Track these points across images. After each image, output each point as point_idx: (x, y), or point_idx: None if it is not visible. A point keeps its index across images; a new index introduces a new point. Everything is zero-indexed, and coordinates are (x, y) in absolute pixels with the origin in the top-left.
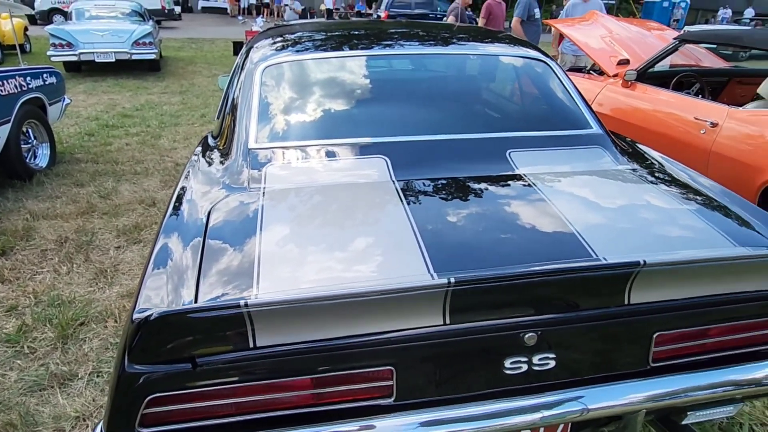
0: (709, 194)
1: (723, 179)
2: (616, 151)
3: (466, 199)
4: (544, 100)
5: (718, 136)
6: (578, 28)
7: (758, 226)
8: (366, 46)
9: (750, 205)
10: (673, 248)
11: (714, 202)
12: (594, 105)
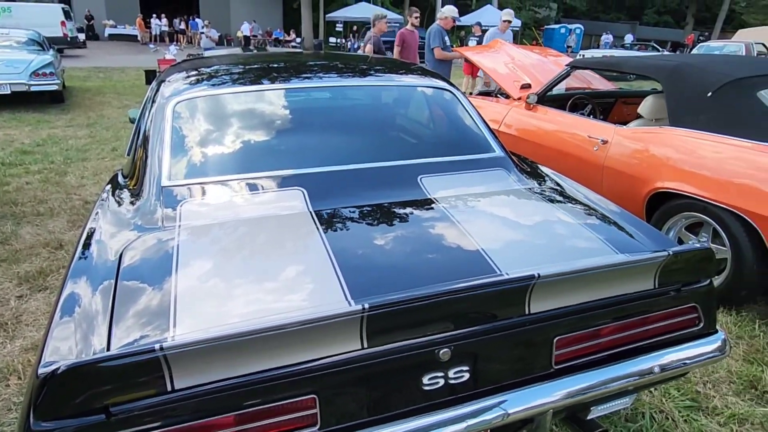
0: (596, 208)
1: (616, 190)
2: (517, 172)
3: (380, 225)
4: (452, 127)
5: (609, 152)
6: (485, 55)
7: (636, 235)
8: (281, 80)
9: (630, 216)
10: (566, 259)
11: (600, 215)
12: (502, 126)
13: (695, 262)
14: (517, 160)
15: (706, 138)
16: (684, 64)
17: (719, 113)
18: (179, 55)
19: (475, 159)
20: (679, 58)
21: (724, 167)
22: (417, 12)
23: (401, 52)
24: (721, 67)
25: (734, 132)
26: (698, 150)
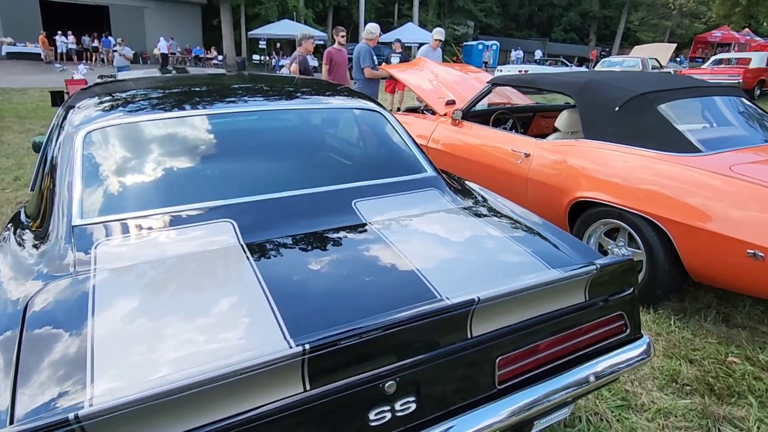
0: (526, 224)
1: (540, 200)
2: (449, 191)
3: (316, 255)
4: (383, 149)
5: (532, 165)
6: (409, 72)
7: (565, 249)
8: (204, 104)
9: (557, 229)
10: (503, 278)
11: (530, 231)
12: (430, 141)
13: (620, 273)
14: (448, 178)
15: (616, 149)
16: (592, 81)
17: (627, 126)
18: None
19: (407, 180)
20: (587, 75)
21: (633, 176)
22: (343, 31)
23: (330, 71)
24: (625, 83)
25: (640, 143)
26: (610, 161)
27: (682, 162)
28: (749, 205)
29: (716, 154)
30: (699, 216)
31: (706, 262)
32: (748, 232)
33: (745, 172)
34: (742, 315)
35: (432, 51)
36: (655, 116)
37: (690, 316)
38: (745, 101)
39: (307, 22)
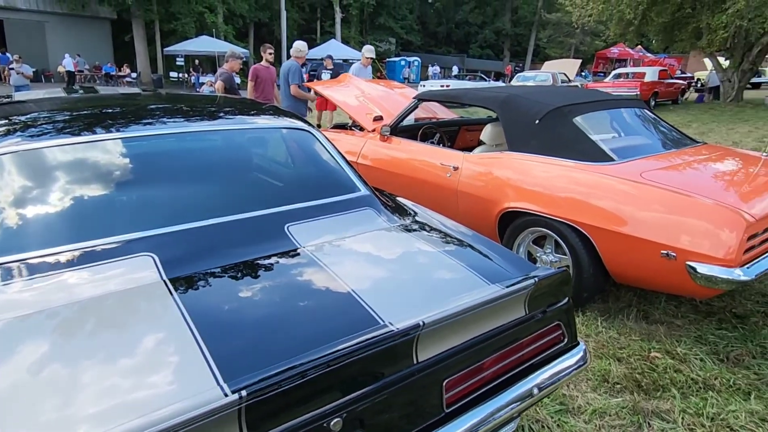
0: (461, 239)
1: (471, 212)
2: (384, 210)
3: (249, 286)
4: (314, 169)
5: (461, 178)
6: (336, 89)
7: (502, 263)
8: (117, 126)
9: (492, 243)
10: (445, 298)
11: (467, 247)
12: (360, 158)
13: (557, 284)
14: (381, 196)
15: (539, 160)
16: (513, 96)
17: (547, 138)
18: None
19: (341, 200)
20: (508, 90)
21: (555, 185)
22: (271, 48)
23: (255, 88)
24: (543, 97)
25: (560, 154)
26: (534, 171)
27: (598, 170)
28: (660, 209)
29: (627, 162)
30: (617, 221)
31: (625, 264)
32: (661, 234)
33: (654, 178)
34: (659, 311)
35: (363, 68)
36: (571, 128)
37: (614, 315)
38: (647, 112)
39: (227, 39)
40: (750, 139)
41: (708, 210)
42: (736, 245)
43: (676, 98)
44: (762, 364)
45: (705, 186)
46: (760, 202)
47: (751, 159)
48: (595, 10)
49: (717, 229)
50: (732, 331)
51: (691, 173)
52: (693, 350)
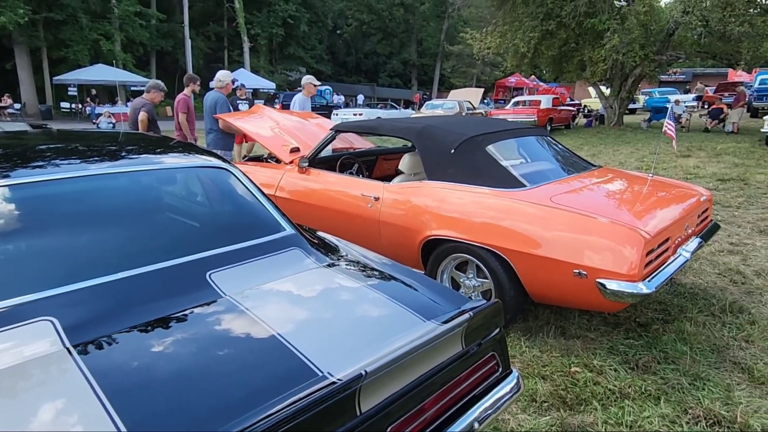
0: (392, 275)
1: (394, 242)
2: (311, 248)
3: (168, 347)
4: (234, 210)
5: (382, 208)
6: (249, 121)
7: (434, 297)
8: (3, 171)
9: (423, 276)
10: (384, 339)
11: (398, 282)
12: (278, 191)
13: (490, 316)
14: (307, 233)
15: (456, 188)
16: (428, 126)
17: (462, 166)
18: None
19: (266, 242)
20: (423, 121)
21: (473, 212)
22: (198, 79)
23: (188, 118)
24: (457, 128)
25: (476, 181)
26: (452, 199)
27: (512, 196)
28: (570, 231)
29: (538, 187)
30: (533, 244)
31: (543, 284)
32: (573, 255)
33: (563, 201)
34: (574, 326)
35: (306, 99)
36: (484, 156)
37: (535, 334)
38: (550, 139)
39: (126, 67)
40: (633, 159)
41: (611, 230)
42: (638, 261)
43: (568, 123)
44: (666, 368)
45: (607, 207)
46: (653, 220)
47: (640, 180)
48: (492, 43)
49: (620, 247)
50: (638, 340)
51: (593, 196)
52: (607, 361)
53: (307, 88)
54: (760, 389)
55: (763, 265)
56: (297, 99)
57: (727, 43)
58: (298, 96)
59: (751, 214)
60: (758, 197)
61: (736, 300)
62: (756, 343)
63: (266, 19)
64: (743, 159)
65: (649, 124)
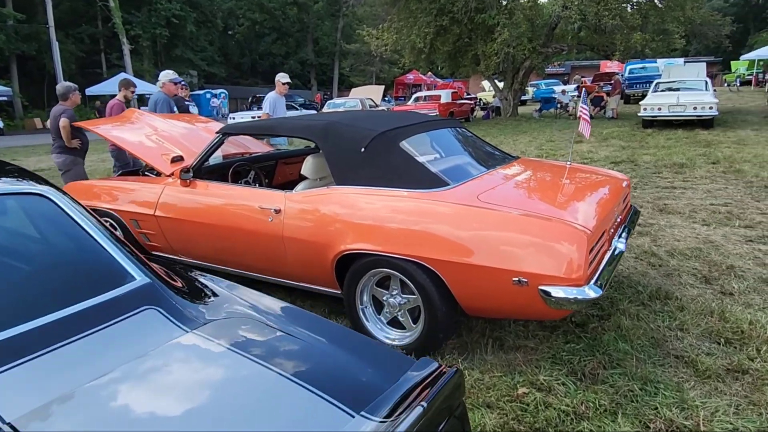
0: (296, 334)
1: (302, 261)
2: (174, 305)
3: None
4: (55, 257)
5: (285, 221)
6: (119, 128)
7: (365, 367)
8: None
9: (343, 330)
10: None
11: (306, 347)
12: (158, 210)
13: (448, 394)
14: (171, 275)
15: (370, 193)
16: (333, 123)
17: (375, 167)
18: None
19: (107, 302)
20: (327, 118)
21: (391, 219)
22: (133, 84)
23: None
24: (365, 123)
25: (392, 183)
26: (366, 206)
27: (435, 198)
28: (504, 233)
29: (462, 184)
30: (463, 251)
31: (478, 296)
32: (510, 260)
33: (491, 199)
34: (512, 335)
35: (279, 97)
36: (399, 154)
37: (472, 351)
38: (465, 131)
39: None
40: (533, 148)
41: (551, 229)
42: (584, 262)
43: (468, 116)
44: (613, 374)
45: (540, 203)
46: (589, 213)
47: (560, 169)
48: (389, 40)
49: (562, 249)
50: (579, 343)
51: (522, 191)
52: (554, 374)
53: (278, 86)
54: (708, 385)
55: (673, 245)
56: (269, 98)
57: (602, 35)
58: (271, 95)
59: (648, 194)
60: (649, 177)
61: (660, 285)
62: (690, 331)
63: (147, 19)
64: (628, 142)
65: (540, 113)
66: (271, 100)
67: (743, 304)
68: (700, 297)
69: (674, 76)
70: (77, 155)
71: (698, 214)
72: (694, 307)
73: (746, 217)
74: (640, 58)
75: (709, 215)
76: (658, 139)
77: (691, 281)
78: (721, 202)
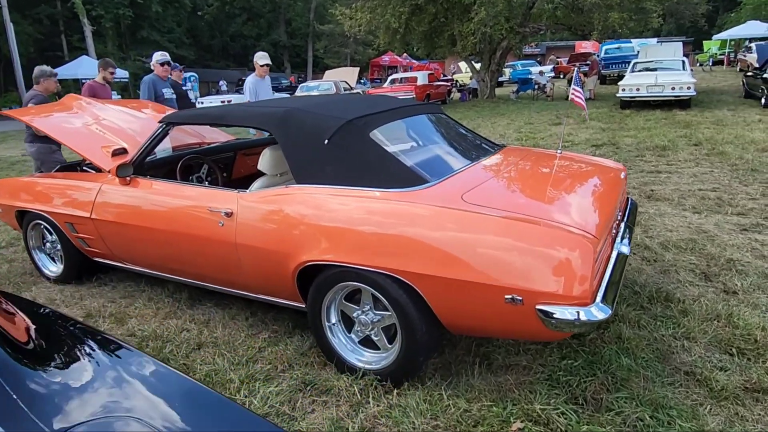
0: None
1: (259, 272)
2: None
3: None
4: None
5: (238, 226)
6: (55, 117)
7: None
8: None
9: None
10: None
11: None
12: (94, 212)
13: None
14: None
15: (336, 193)
16: (294, 110)
17: (342, 162)
18: None
19: None
20: (286, 104)
21: (361, 225)
22: (113, 65)
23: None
24: (331, 110)
25: (361, 182)
26: (331, 210)
27: (411, 198)
28: (495, 242)
29: (443, 181)
30: (445, 264)
31: (464, 315)
32: (502, 274)
33: (478, 199)
34: (501, 352)
35: (261, 80)
36: (370, 146)
37: (456, 374)
38: (445, 117)
39: None
40: (511, 131)
41: (550, 236)
42: (589, 276)
43: (445, 99)
44: (619, 398)
45: (533, 204)
46: (590, 214)
47: (551, 159)
48: (363, 20)
49: (565, 260)
50: (576, 359)
51: (512, 188)
52: (551, 402)
53: (257, 69)
54: (727, 409)
55: (666, 236)
56: (249, 83)
57: (579, 14)
58: (249, 79)
59: (632, 180)
60: (633, 161)
61: (659, 285)
62: (697, 340)
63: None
64: (608, 123)
65: (518, 95)
66: (251, 84)
67: (750, 305)
68: (703, 297)
69: (651, 56)
70: (53, 143)
71: (687, 201)
72: (698, 310)
73: (737, 203)
74: (616, 38)
75: (699, 202)
76: (637, 120)
77: (690, 278)
78: (709, 187)
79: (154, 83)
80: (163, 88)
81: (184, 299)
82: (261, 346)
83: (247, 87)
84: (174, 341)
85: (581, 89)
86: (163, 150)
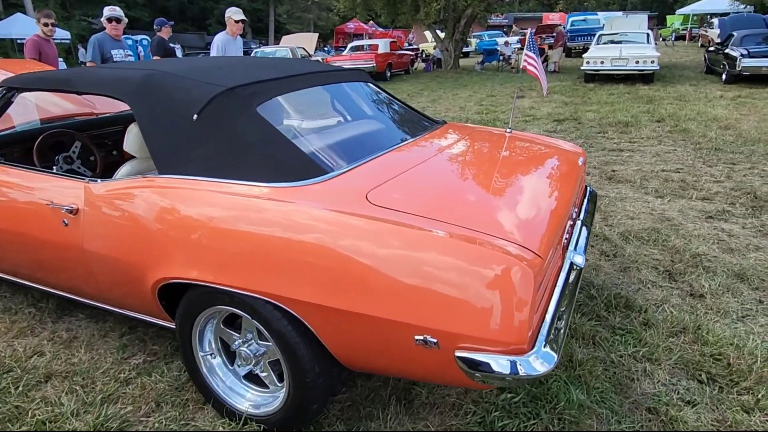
0: None
1: (114, 284)
2: None
3: None
4: None
5: (85, 228)
6: None
7: None
8: None
9: None
10: None
11: None
12: None
13: None
14: None
15: (204, 188)
16: (157, 74)
17: (214, 146)
18: None
19: None
20: (150, 66)
21: (233, 233)
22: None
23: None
24: (209, 75)
25: (238, 174)
26: (196, 211)
27: (299, 197)
28: (403, 264)
29: (347, 172)
30: (336, 291)
31: (366, 354)
32: (410, 309)
33: (387, 200)
34: (424, 384)
35: (232, 40)
36: (256, 124)
37: (365, 416)
38: (372, 86)
39: None
40: (472, 103)
41: (475, 256)
42: (528, 313)
43: (408, 69)
44: None
45: (462, 206)
46: (534, 219)
47: (497, 140)
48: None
49: (496, 289)
50: (517, 394)
51: (439, 182)
52: None
53: (229, 25)
54: None
55: (627, 225)
56: (217, 41)
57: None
58: (219, 36)
59: (593, 158)
60: (594, 137)
61: (618, 286)
62: (662, 362)
63: None
64: (571, 97)
65: (482, 66)
66: (220, 43)
67: (719, 313)
68: (667, 303)
69: (616, 28)
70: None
71: (650, 183)
72: (662, 321)
73: (701, 186)
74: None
75: (662, 184)
76: (600, 94)
77: (652, 277)
78: (672, 168)
79: (101, 43)
80: (113, 49)
81: (51, 309)
82: (127, 377)
83: (215, 45)
84: (17, 370)
85: (537, 56)
86: (29, 123)
